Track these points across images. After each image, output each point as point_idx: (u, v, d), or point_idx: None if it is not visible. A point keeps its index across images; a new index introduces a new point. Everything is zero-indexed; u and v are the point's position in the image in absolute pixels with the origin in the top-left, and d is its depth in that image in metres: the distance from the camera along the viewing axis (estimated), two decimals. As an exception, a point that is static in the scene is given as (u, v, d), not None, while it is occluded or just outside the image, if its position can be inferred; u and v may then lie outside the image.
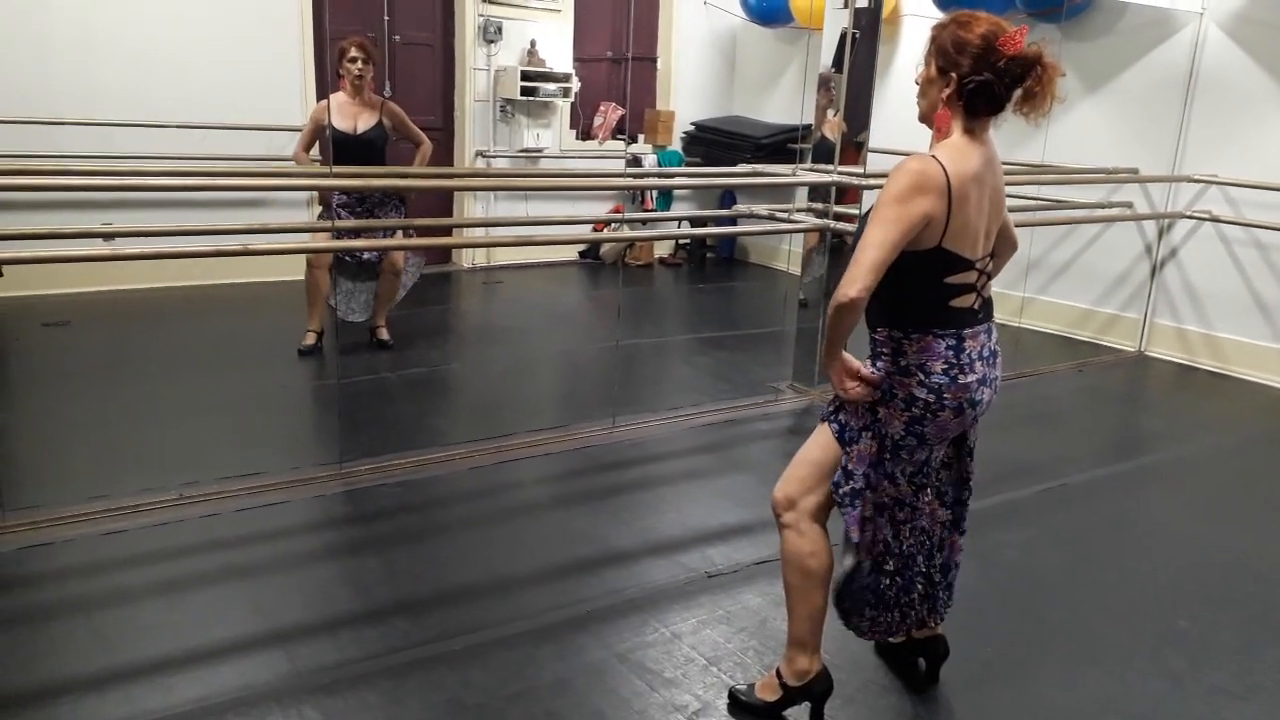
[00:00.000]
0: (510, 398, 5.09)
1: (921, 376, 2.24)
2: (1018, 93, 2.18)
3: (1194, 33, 5.97)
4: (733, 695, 2.55)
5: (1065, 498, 4.03)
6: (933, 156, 2.17)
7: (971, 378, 2.26)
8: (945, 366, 2.24)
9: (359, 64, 5.11)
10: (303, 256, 5.47)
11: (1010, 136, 6.85)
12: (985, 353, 2.31)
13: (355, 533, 3.42)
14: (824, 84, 5.18)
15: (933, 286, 2.22)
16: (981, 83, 2.15)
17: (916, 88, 2.30)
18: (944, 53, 2.20)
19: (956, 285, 2.23)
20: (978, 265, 2.26)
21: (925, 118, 2.30)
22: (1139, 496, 4.13)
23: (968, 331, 2.27)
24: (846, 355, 2.27)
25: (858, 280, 2.10)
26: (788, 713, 2.49)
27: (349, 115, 5.12)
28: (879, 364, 2.29)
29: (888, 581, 2.44)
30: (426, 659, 2.67)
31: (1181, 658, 2.88)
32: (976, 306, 2.29)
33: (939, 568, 2.55)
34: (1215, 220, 5.99)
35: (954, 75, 2.18)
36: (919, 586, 2.50)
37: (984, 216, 2.24)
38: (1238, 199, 5.90)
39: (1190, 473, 4.44)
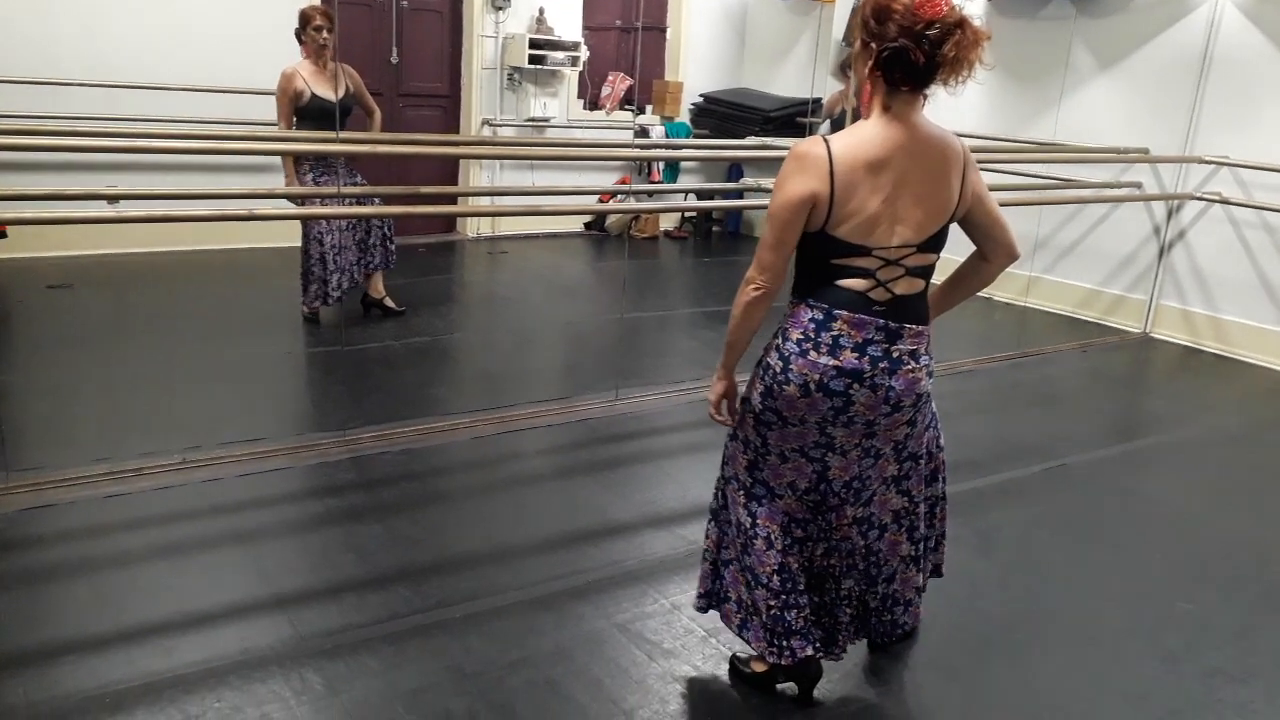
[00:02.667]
0: (513, 368, 5.09)
1: (779, 341, 2.22)
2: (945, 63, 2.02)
3: (1210, 12, 5.90)
4: (732, 662, 2.58)
5: (1066, 478, 4.03)
6: (824, 138, 2.10)
7: (827, 360, 2.14)
8: (800, 337, 2.17)
9: (324, 33, 5.07)
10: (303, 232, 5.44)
11: (1020, 113, 6.81)
12: (874, 350, 2.14)
13: (358, 499, 3.42)
14: (845, 67, 5.12)
15: (818, 262, 2.17)
16: (896, 49, 2.01)
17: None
18: (865, 24, 2.07)
19: (843, 266, 2.13)
20: (878, 253, 2.12)
21: (858, 96, 2.19)
22: (1140, 478, 4.13)
23: (845, 314, 2.13)
24: (728, 396, 2.34)
25: (755, 279, 2.17)
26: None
27: (324, 83, 5.08)
28: None
29: (786, 599, 2.32)
30: (427, 626, 2.68)
31: (1179, 639, 2.89)
32: (875, 296, 2.14)
33: (880, 596, 2.50)
34: (1225, 202, 5.95)
35: (873, 46, 2.05)
36: (847, 610, 2.45)
37: (895, 204, 2.10)
38: (1248, 181, 5.86)
39: (1192, 455, 4.43)
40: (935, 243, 2.19)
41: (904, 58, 2.01)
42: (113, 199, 3.37)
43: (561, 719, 2.36)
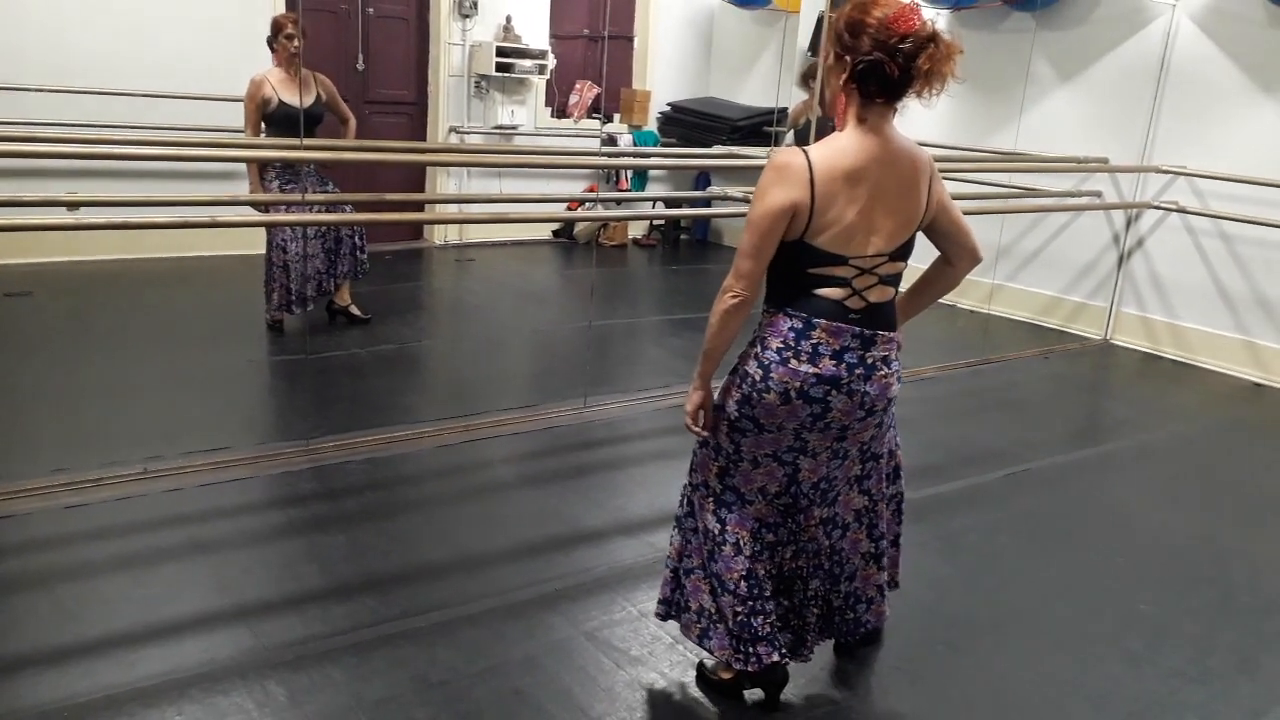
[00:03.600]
0: (480, 376, 5.07)
1: (758, 350, 2.24)
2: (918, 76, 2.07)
3: (1166, 24, 6.01)
4: (699, 669, 2.58)
5: (1028, 483, 4.08)
6: (803, 149, 2.14)
7: (807, 368, 2.17)
8: (780, 345, 2.20)
9: (296, 40, 5.05)
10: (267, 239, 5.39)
11: (983, 124, 6.89)
12: (850, 358, 2.18)
13: (321, 509, 3.39)
14: (810, 76, 5.17)
15: (796, 272, 2.19)
16: (871, 62, 2.05)
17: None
18: (839, 36, 2.12)
19: (820, 276, 2.17)
20: (854, 262, 2.16)
21: (830, 109, 2.23)
22: (1101, 482, 4.19)
23: (823, 322, 2.17)
24: (703, 406, 2.33)
25: (733, 287, 2.18)
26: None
27: (292, 90, 5.05)
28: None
29: (753, 605, 2.34)
30: (393, 636, 2.66)
31: (1140, 641, 2.93)
32: (851, 304, 2.18)
33: (843, 595, 2.52)
34: (1182, 211, 6.06)
35: (847, 59, 2.10)
36: (814, 610, 2.47)
37: (870, 214, 2.14)
38: (1204, 190, 5.97)
39: (1152, 459, 4.50)
40: (905, 251, 2.24)
41: (879, 71, 2.06)
42: (73, 205, 3.32)
43: (529, 727, 2.35)
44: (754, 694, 2.50)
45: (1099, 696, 2.64)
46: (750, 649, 2.36)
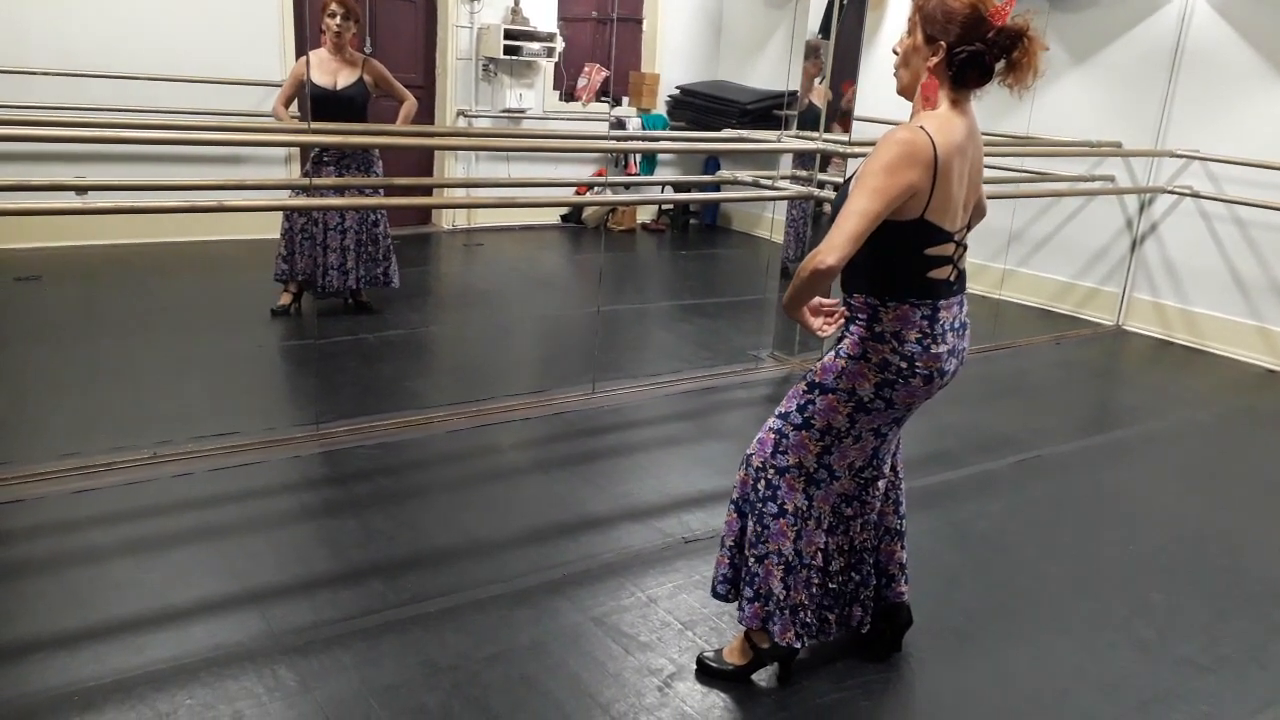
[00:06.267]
0: (489, 361, 5.06)
1: (895, 344, 2.25)
2: (1002, 64, 2.17)
3: (1181, 7, 5.94)
4: (701, 662, 2.56)
5: (1039, 469, 4.06)
6: (921, 127, 2.14)
7: (943, 348, 2.27)
8: (919, 335, 2.25)
9: (338, 19, 5.01)
10: (279, 214, 5.39)
11: (994, 108, 6.81)
12: (956, 324, 2.32)
13: (331, 494, 3.40)
14: (813, 51, 5.13)
15: (913, 257, 2.22)
16: (973, 52, 2.14)
17: (895, 57, 2.27)
18: (932, 20, 2.17)
19: (935, 257, 2.23)
20: (955, 237, 2.25)
21: (907, 89, 2.27)
22: (1113, 469, 4.16)
23: (942, 303, 2.27)
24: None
25: (837, 249, 2.08)
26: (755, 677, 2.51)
27: (329, 71, 5.03)
28: (853, 328, 2.30)
29: (841, 578, 2.51)
30: (402, 621, 2.66)
31: (1151, 629, 2.92)
32: (952, 279, 2.28)
33: (872, 565, 2.60)
34: (1196, 196, 6.01)
35: (942, 44, 2.16)
36: (874, 579, 2.57)
37: (964, 189, 2.24)
38: (1219, 175, 5.92)
39: (1164, 447, 4.48)
40: (972, 221, 2.39)
41: (979, 61, 2.15)
42: (81, 190, 3.31)
43: (537, 714, 2.35)
44: (761, 677, 2.50)
45: (1110, 685, 2.63)
46: (809, 624, 2.45)
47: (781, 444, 2.42)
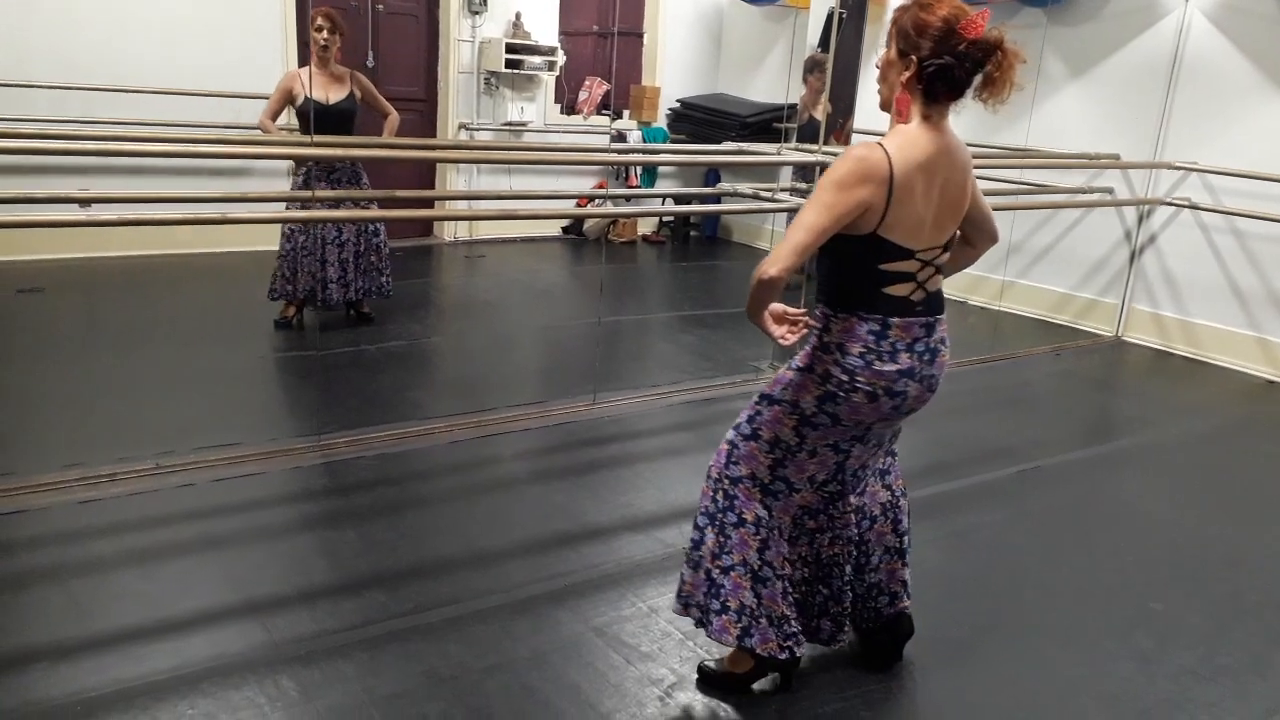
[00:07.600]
0: (490, 372, 5.08)
1: (838, 355, 2.25)
2: (978, 79, 2.15)
3: (1178, 19, 5.98)
4: (702, 671, 2.56)
5: (1039, 480, 4.06)
6: (879, 144, 2.15)
7: (891, 366, 2.23)
8: (862, 350, 2.23)
9: (324, 34, 5.06)
10: (279, 229, 5.41)
11: (993, 121, 6.84)
12: (919, 347, 2.26)
13: (333, 505, 3.40)
14: (816, 66, 5.15)
15: (866, 271, 2.21)
16: (941, 66, 2.11)
17: (877, 72, 2.28)
18: (905, 35, 2.17)
19: (891, 273, 2.21)
20: (919, 255, 2.21)
21: (885, 103, 2.27)
22: (1113, 480, 4.17)
23: (896, 320, 2.23)
24: (772, 305, 2.25)
25: (779, 260, 2.12)
26: (755, 686, 2.52)
27: (320, 86, 5.06)
28: (813, 338, 2.31)
29: (805, 589, 2.48)
30: (403, 631, 2.67)
31: (1151, 639, 2.92)
32: (915, 298, 2.24)
33: (865, 585, 2.57)
34: (1194, 207, 6.03)
35: (914, 58, 2.15)
36: (849, 596, 2.52)
37: (932, 207, 2.19)
38: (1217, 186, 5.94)
39: (1164, 457, 4.49)
40: (951, 240, 2.32)
41: (948, 74, 2.12)
42: (84, 202, 3.33)
43: (538, 723, 2.36)
44: (763, 686, 2.51)
45: (1110, 695, 2.64)
46: (790, 629, 2.42)
47: (733, 454, 2.44)
